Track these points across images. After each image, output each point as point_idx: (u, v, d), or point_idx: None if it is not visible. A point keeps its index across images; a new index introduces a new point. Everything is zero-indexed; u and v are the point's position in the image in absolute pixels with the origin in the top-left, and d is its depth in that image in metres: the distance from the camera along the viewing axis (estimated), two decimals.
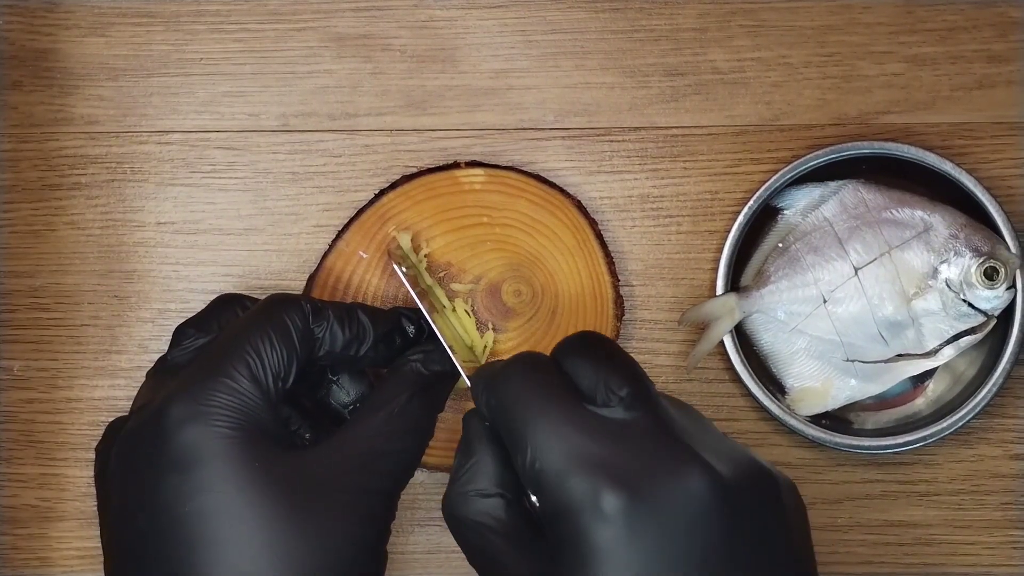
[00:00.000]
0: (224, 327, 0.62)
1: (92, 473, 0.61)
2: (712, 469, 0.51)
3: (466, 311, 0.70)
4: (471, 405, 0.64)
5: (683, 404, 0.56)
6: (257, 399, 0.57)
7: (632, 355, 0.70)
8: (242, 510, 0.55)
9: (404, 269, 0.65)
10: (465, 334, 0.69)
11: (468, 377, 0.59)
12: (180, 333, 0.62)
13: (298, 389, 0.62)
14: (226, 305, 0.63)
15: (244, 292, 0.71)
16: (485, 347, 0.70)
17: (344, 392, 0.65)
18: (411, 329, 0.65)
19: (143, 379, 0.62)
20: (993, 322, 0.68)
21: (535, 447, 0.52)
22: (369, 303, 0.70)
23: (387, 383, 0.62)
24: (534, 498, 0.53)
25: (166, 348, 0.63)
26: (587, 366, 0.55)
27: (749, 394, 0.69)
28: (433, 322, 0.64)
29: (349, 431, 0.59)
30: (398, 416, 0.60)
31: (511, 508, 0.55)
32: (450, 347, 0.64)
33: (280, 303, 0.61)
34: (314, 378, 0.65)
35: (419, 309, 0.65)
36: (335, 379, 0.65)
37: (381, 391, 0.62)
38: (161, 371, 0.61)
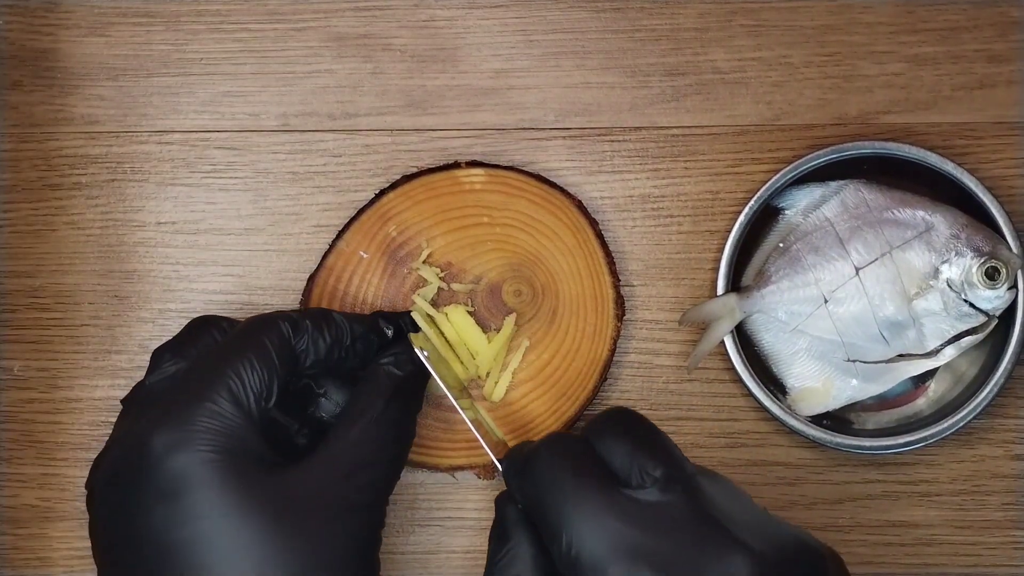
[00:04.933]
0: (201, 351, 0.62)
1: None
2: (754, 552, 0.50)
3: (467, 312, 0.70)
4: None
5: (718, 477, 0.55)
6: (239, 420, 0.58)
7: (632, 355, 0.71)
8: (231, 535, 0.55)
9: (426, 354, 0.66)
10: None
11: (499, 461, 0.59)
12: (158, 357, 0.62)
13: (286, 407, 0.62)
14: (202, 328, 0.63)
15: (244, 292, 0.71)
16: (506, 336, 0.69)
17: (332, 403, 0.65)
18: (389, 330, 0.65)
19: (142, 379, 0.62)
20: (994, 322, 0.68)
21: (571, 534, 0.52)
22: (370, 303, 0.70)
23: (362, 391, 0.62)
24: None
25: (174, 338, 0.63)
26: (620, 447, 0.54)
27: (750, 394, 0.69)
28: (459, 406, 0.66)
29: (331, 446, 0.60)
30: (377, 424, 0.61)
31: None
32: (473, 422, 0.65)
33: (257, 326, 0.61)
34: (301, 394, 0.65)
35: (397, 312, 0.66)
36: (322, 391, 0.65)
37: (357, 400, 0.62)
38: (140, 398, 0.61)
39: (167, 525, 0.55)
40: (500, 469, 0.58)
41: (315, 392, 0.65)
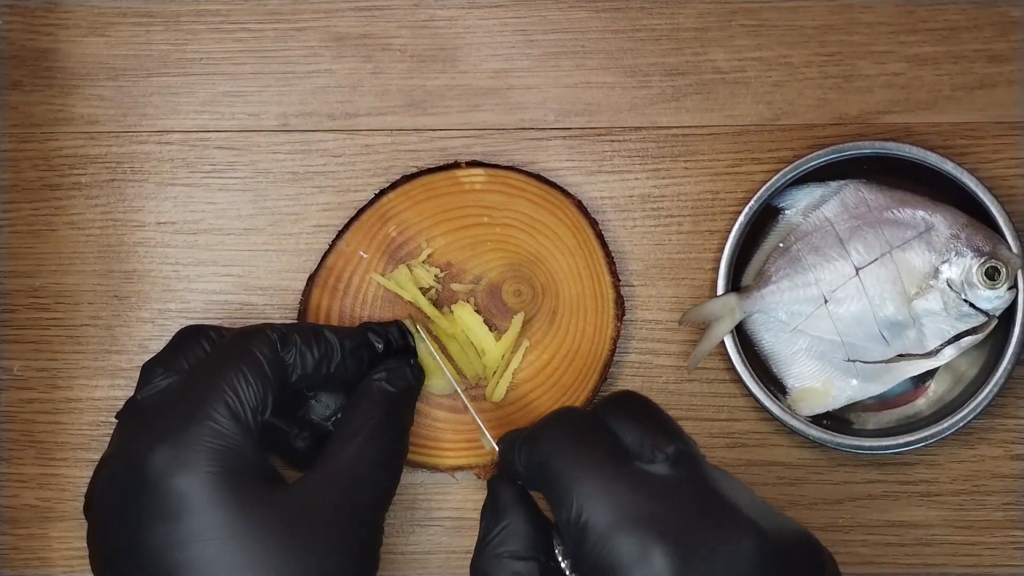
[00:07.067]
0: (192, 363, 0.62)
1: (92, 473, 0.61)
2: (761, 529, 0.51)
3: (475, 311, 0.70)
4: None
5: (720, 468, 0.56)
6: (240, 437, 0.58)
7: (632, 355, 0.71)
8: (234, 557, 0.55)
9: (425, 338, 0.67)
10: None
11: (494, 438, 0.60)
12: (148, 371, 0.62)
13: (277, 410, 0.62)
14: (190, 338, 0.63)
15: (243, 292, 0.71)
16: (515, 334, 0.69)
17: (323, 406, 0.66)
18: (379, 344, 0.65)
19: (134, 394, 0.62)
20: (994, 322, 0.68)
21: (582, 501, 0.52)
22: (370, 303, 0.70)
23: (357, 407, 0.62)
24: (564, 563, 0.54)
25: (163, 351, 0.63)
26: (632, 424, 0.55)
27: (750, 394, 0.69)
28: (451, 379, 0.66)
29: (328, 464, 0.60)
30: (374, 442, 0.61)
31: (545, 572, 0.54)
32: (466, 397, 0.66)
33: (247, 336, 0.61)
34: (292, 399, 0.65)
35: (385, 323, 0.66)
36: (312, 395, 0.65)
37: (352, 416, 0.62)
38: (135, 413, 0.61)
39: (169, 545, 0.55)
40: (497, 450, 0.58)
41: (305, 396, 0.65)
